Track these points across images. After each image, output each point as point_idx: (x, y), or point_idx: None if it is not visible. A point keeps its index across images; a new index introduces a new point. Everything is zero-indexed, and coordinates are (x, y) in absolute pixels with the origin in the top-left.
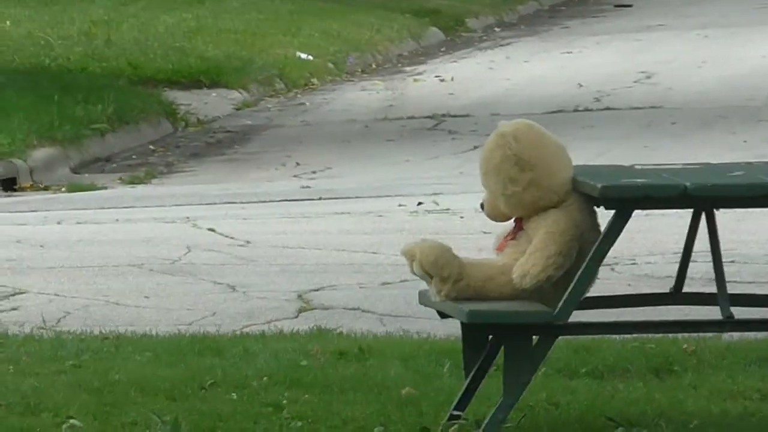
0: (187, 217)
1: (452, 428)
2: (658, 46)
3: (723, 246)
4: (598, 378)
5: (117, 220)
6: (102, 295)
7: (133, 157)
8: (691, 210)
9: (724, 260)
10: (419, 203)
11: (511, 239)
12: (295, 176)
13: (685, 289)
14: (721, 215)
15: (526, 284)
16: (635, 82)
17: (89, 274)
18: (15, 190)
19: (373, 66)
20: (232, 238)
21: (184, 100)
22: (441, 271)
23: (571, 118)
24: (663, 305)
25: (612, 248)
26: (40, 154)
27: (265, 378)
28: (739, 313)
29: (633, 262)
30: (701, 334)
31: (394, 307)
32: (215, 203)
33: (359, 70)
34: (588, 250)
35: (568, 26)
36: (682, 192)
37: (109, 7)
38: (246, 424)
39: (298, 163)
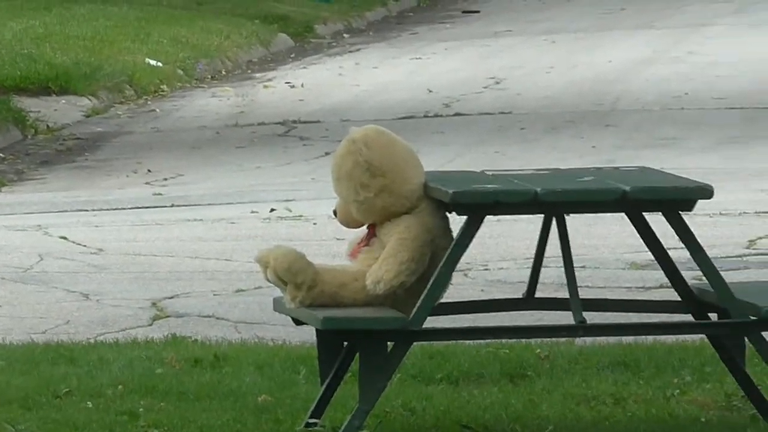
0: (39, 225)
1: None
2: (506, 52)
3: (574, 251)
4: (453, 384)
5: None
6: None
7: None
8: (542, 215)
9: (575, 265)
10: (272, 210)
11: (365, 246)
12: (146, 183)
13: (538, 294)
14: (572, 220)
15: (380, 290)
16: (484, 87)
17: None
18: None
19: (223, 72)
20: (84, 245)
21: (33, 107)
22: (295, 277)
23: (422, 123)
24: (516, 311)
25: (464, 254)
26: None
27: (120, 386)
28: (592, 318)
29: (486, 267)
30: (554, 340)
31: (249, 314)
32: (67, 211)
33: (209, 76)
34: (441, 255)
35: (417, 32)
36: (533, 197)
37: None
38: None
39: (149, 170)
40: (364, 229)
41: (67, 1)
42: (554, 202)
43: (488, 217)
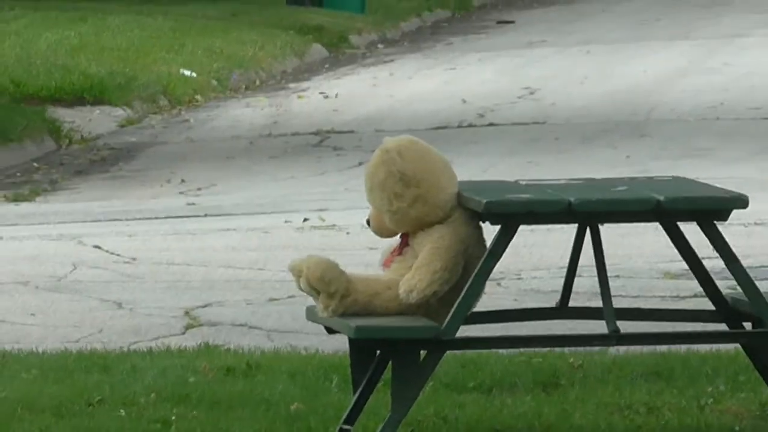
0: (73, 235)
1: None
2: (540, 62)
3: (608, 261)
4: (485, 392)
5: (1, 237)
6: None
7: (17, 174)
8: (576, 225)
9: (609, 275)
10: (305, 219)
11: (398, 255)
12: (180, 193)
13: (571, 303)
14: (606, 230)
15: (413, 299)
16: (519, 98)
17: None
18: None
19: (257, 83)
20: (118, 255)
21: (68, 117)
22: (328, 286)
23: (455, 134)
24: (549, 320)
25: (498, 263)
26: None
27: (152, 394)
28: (625, 327)
29: (519, 277)
30: (587, 349)
31: (282, 323)
32: (100, 220)
33: (243, 86)
34: (474, 265)
35: (452, 42)
36: (567, 207)
37: None
38: None
39: (183, 180)
40: (397, 239)
41: (102, 12)
42: (588, 211)
43: (522, 227)
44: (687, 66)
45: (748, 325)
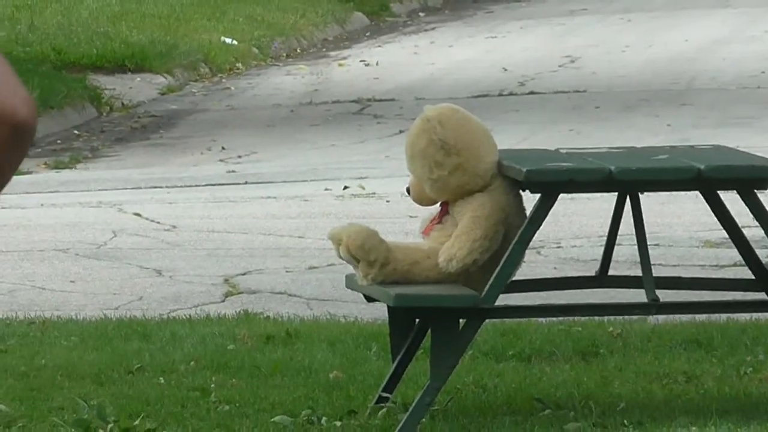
0: (113, 202)
1: (380, 411)
2: (581, 31)
3: (648, 229)
4: (525, 361)
5: (42, 204)
6: (28, 279)
7: (58, 141)
8: (616, 194)
9: (649, 243)
10: (345, 187)
11: (437, 223)
12: (220, 161)
13: (611, 272)
14: (646, 199)
15: (453, 268)
16: (559, 66)
17: (15, 258)
18: None
19: (298, 51)
20: (158, 222)
21: (109, 84)
22: (367, 255)
23: (496, 102)
24: (589, 288)
25: (538, 232)
26: None
27: (192, 362)
28: (665, 296)
29: (558, 245)
30: (627, 318)
31: (321, 291)
32: (141, 188)
33: (284, 54)
34: (514, 233)
35: (492, 11)
36: (607, 176)
37: None
38: (173, 408)
39: (223, 148)
40: (437, 207)
41: None
42: (628, 180)
43: (562, 195)
44: (728, 34)
45: None
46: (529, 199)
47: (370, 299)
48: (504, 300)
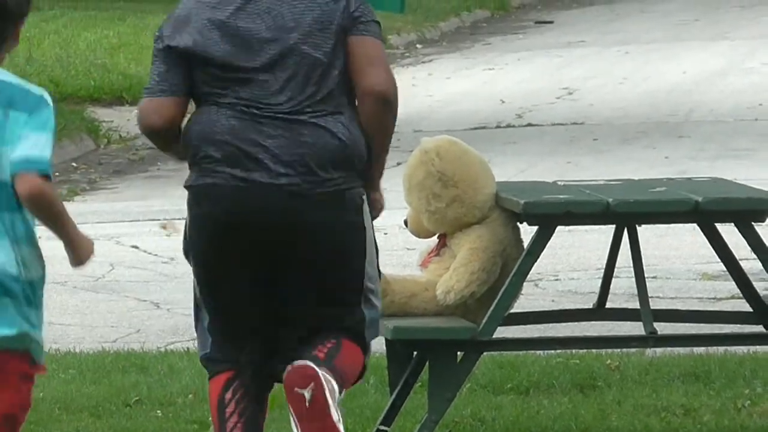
0: (111, 235)
1: None
2: (579, 63)
3: (645, 262)
4: (523, 394)
5: (40, 237)
6: None
7: (56, 174)
8: (614, 226)
9: (646, 276)
10: None
11: (435, 255)
12: None
13: (609, 304)
14: (644, 231)
15: (450, 300)
16: (557, 98)
17: None
18: None
19: None
20: (155, 255)
21: (107, 117)
22: None
23: (494, 134)
24: (586, 321)
25: (535, 264)
26: None
27: (190, 395)
28: (662, 328)
29: (556, 278)
30: (625, 350)
31: None
32: (139, 220)
33: None
34: (511, 266)
35: (490, 43)
36: (605, 208)
37: (30, 23)
38: None
39: None
40: (435, 239)
41: (141, 12)
42: (626, 212)
43: (559, 228)
44: (726, 67)
45: None
46: (527, 232)
47: None
48: (502, 332)
